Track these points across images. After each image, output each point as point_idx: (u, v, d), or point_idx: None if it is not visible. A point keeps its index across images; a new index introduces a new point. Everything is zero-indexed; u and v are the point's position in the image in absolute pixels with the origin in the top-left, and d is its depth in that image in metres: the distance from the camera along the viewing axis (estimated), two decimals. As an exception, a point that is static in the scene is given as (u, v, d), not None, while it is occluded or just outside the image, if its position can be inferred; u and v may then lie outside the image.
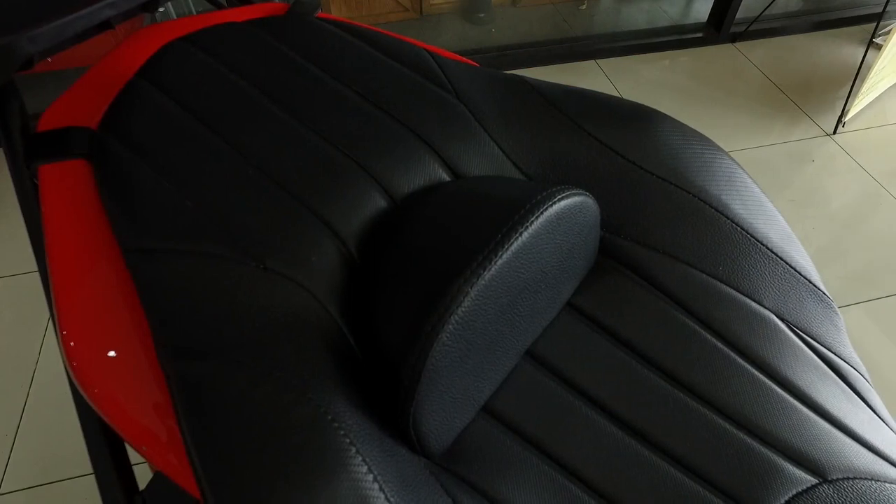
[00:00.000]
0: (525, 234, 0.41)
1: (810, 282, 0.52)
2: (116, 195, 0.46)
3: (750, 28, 1.84)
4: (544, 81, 0.59)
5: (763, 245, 0.51)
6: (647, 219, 0.52)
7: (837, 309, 0.52)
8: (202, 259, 0.42)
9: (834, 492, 0.41)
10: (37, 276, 1.26)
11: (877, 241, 1.34)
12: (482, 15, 1.92)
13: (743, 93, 1.70)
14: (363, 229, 0.47)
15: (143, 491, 0.42)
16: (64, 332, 0.41)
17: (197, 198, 0.46)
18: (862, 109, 1.65)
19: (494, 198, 0.44)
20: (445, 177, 0.52)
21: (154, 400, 0.39)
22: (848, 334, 1.16)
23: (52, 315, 0.43)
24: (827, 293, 0.52)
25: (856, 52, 1.82)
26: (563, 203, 0.44)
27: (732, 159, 0.57)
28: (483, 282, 0.39)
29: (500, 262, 0.40)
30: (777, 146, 1.55)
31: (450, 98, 0.56)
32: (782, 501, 0.41)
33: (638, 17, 1.95)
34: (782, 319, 0.49)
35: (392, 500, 0.35)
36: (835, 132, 1.58)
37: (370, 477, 0.35)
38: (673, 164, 0.54)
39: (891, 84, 1.69)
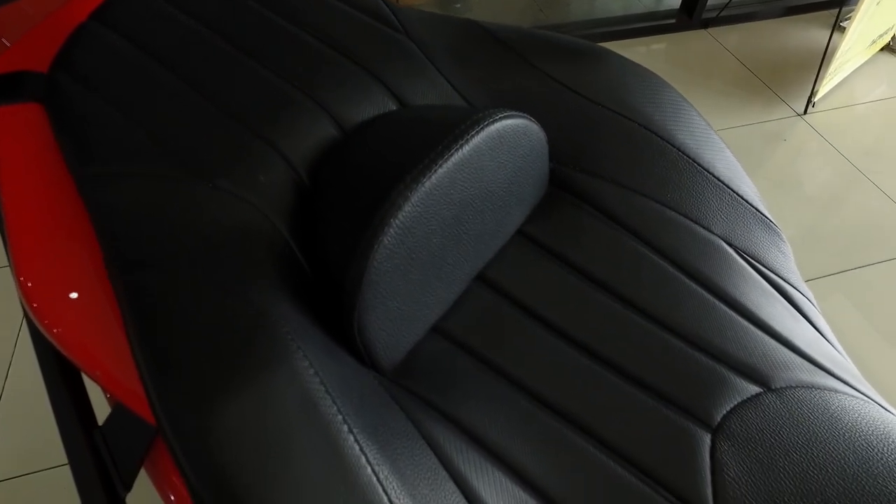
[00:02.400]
0: (465, 148, 0.42)
1: (757, 210, 0.53)
2: (68, 127, 0.46)
3: (721, 14, 1.88)
4: (495, 23, 0.61)
5: (710, 173, 0.53)
6: (596, 150, 0.54)
7: (784, 237, 0.54)
8: (153, 181, 0.43)
9: (777, 399, 0.42)
10: (6, 270, 1.25)
11: (842, 212, 1.38)
12: (458, 5, 1.93)
13: (717, 76, 1.74)
14: (313, 155, 0.48)
15: (101, 426, 0.42)
16: (21, 278, 0.41)
17: (148, 125, 0.46)
18: (831, 90, 1.69)
19: (437, 119, 0.46)
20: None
21: (113, 331, 0.40)
22: (821, 303, 1.20)
23: (8, 260, 0.43)
24: (774, 221, 0.54)
25: (823, 36, 1.86)
26: (504, 122, 0.45)
27: (680, 94, 0.59)
28: (423, 189, 0.40)
29: (439, 171, 0.41)
30: (750, 126, 1.59)
31: (401, 38, 0.57)
32: (727, 408, 0.42)
33: (613, 5, 1.98)
34: (730, 245, 0.51)
35: (333, 394, 0.36)
36: (805, 112, 1.62)
37: (311, 371, 0.36)
38: (621, 97, 0.56)
39: (857, 66, 1.74)
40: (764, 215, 0.54)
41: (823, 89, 1.60)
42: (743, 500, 0.38)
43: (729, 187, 0.53)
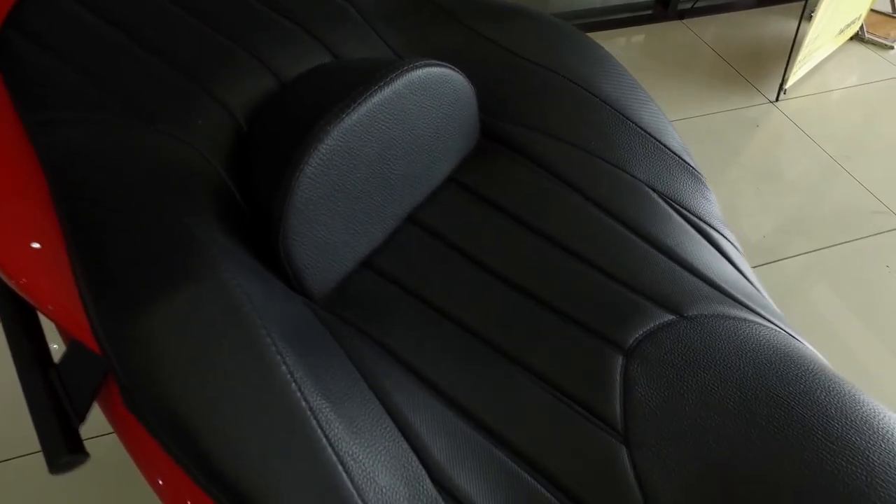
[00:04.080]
0: (385, 90, 0.46)
1: (681, 158, 0.57)
2: (19, 79, 0.48)
3: (696, 5, 1.93)
4: None
5: (634, 123, 0.57)
6: (525, 102, 0.58)
7: (708, 185, 0.57)
8: (98, 125, 0.46)
9: (689, 325, 0.45)
10: None
11: (811, 193, 1.43)
12: (442, -1, 1.97)
13: (693, 66, 1.78)
14: (252, 104, 0.51)
15: (57, 364, 0.44)
16: None
17: (94, 77, 0.49)
18: (802, 78, 1.75)
19: (361, 67, 0.49)
20: None
21: (63, 267, 0.41)
22: (791, 279, 1.25)
23: None
24: (698, 170, 0.57)
25: (794, 26, 1.92)
26: (426, 70, 0.49)
27: (607, 51, 0.62)
28: (344, 125, 0.44)
29: (359, 110, 0.44)
30: (725, 113, 1.64)
31: (341, 2, 0.60)
32: (641, 333, 0.45)
33: (592, -2, 2.02)
34: (653, 189, 0.54)
35: (255, 304, 0.39)
36: (777, 99, 1.68)
37: (235, 283, 0.39)
38: (549, 53, 0.59)
39: (827, 54, 1.80)
40: (688, 164, 0.57)
41: (793, 77, 1.65)
42: (650, 414, 0.41)
43: (653, 136, 0.57)
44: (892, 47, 1.86)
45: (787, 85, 1.65)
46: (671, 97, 1.68)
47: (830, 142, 1.57)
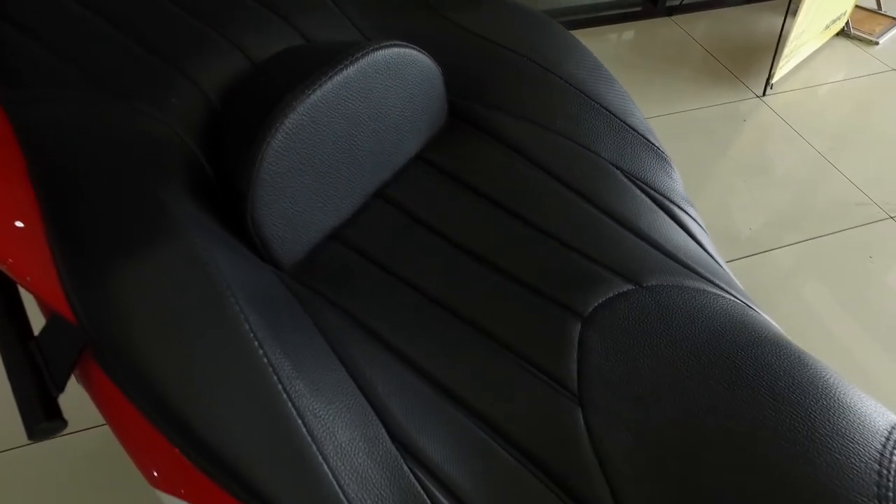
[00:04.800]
0: (350, 69, 0.48)
1: (645, 138, 0.58)
2: None
3: (684, 2, 1.96)
4: None
5: (598, 104, 0.58)
6: (492, 84, 0.60)
7: (672, 164, 0.59)
8: (75, 101, 0.48)
9: (646, 294, 0.46)
10: None
11: (796, 185, 1.46)
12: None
13: (681, 62, 1.81)
14: (224, 84, 0.53)
15: (36, 337, 0.45)
16: None
17: (72, 57, 0.51)
18: (789, 73, 1.77)
19: (329, 48, 0.51)
20: None
21: (40, 240, 0.43)
22: (778, 275, 1.27)
23: None
24: (662, 149, 0.59)
25: (781, 22, 1.95)
26: (391, 50, 0.50)
27: (573, 37, 0.64)
28: (309, 101, 0.45)
29: (325, 87, 0.46)
30: (712, 108, 1.66)
31: None
32: (599, 301, 0.46)
33: (581, -5, 2.04)
34: (617, 167, 0.55)
35: (221, 268, 0.40)
36: (764, 94, 1.70)
37: (202, 248, 0.41)
38: (515, 36, 0.61)
39: (813, 50, 1.82)
40: (652, 143, 0.59)
41: (780, 72, 1.68)
42: (605, 377, 0.42)
43: (617, 117, 0.58)
44: (877, 43, 1.89)
45: (774, 80, 1.68)
46: (660, 92, 1.70)
47: (816, 135, 1.59)
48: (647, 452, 0.38)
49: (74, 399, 0.98)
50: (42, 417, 0.40)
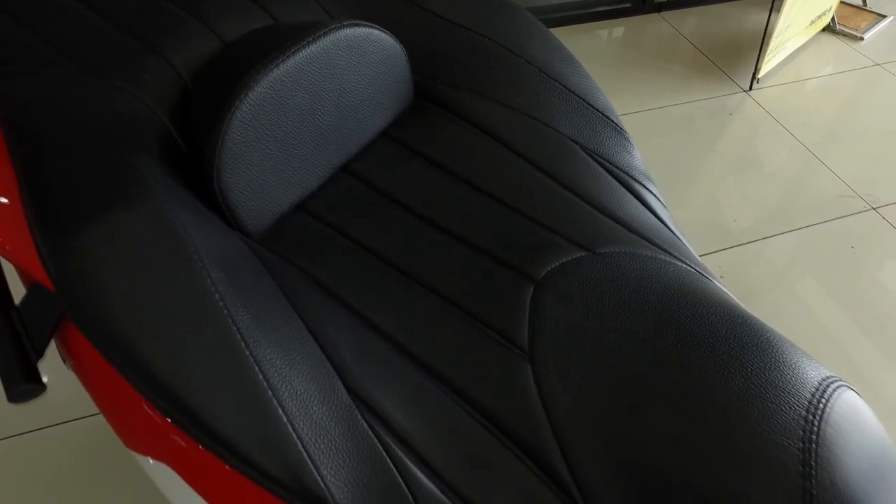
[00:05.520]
0: (312, 46, 0.50)
1: (605, 115, 0.61)
2: None
3: (673, -2, 1.98)
4: None
5: (559, 83, 0.61)
6: (457, 64, 0.62)
7: (632, 140, 0.61)
8: (52, 77, 0.50)
9: (599, 260, 0.48)
10: None
11: (780, 176, 1.49)
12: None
13: (670, 58, 1.83)
14: (196, 64, 0.55)
15: (17, 306, 0.46)
16: None
17: (48, 36, 0.53)
18: (775, 68, 1.80)
19: (293, 27, 0.53)
20: None
21: (18, 211, 0.45)
22: (762, 264, 1.30)
23: None
24: (622, 126, 0.61)
25: (766, 18, 1.98)
26: (353, 29, 0.53)
27: (536, 20, 0.67)
28: (274, 74, 0.48)
29: (288, 62, 0.49)
30: (699, 102, 1.69)
31: None
32: (552, 266, 0.48)
33: (572, -8, 2.07)
34: (577, 143, 0.58)
35: (188, 228, 0.43)
36: (750, 88, 1.73)
37: (170, 209, 0.43)
38: (481, 20, 0.64)
39: (799, 45, 1.85)
40: (611, 120, 0.61)
41: (766, 67, 1.71)
42: (555, 336, 0.44)
43: (577, 95, 0.61)
44: (862, 38, 1.92)
45: (760, 74, 1.70)
46: (649, 87, 1.73)
47: (801, 129, 1.62)
48: (591, 406, 0.41)
49: (66, 390, 1.00)
50: (22, 380, 0.42)
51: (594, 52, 1.85)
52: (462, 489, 0.39)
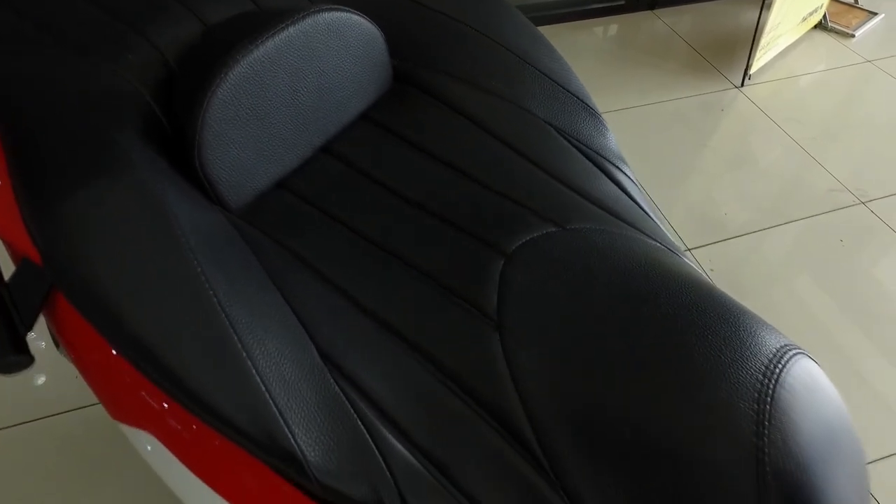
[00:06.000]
0: (291, 29, 0.52)
1: (580, 98, 0.62)
2: None
3: (667, -4, 2.00)
4: None
5: (534, 67, 0.63)
6: (435, 48, 0.64)
7: (607, 125, 0.62)
8: (37, 55, 0.52)
9: (568, 235, 0.50)
10: None
11: (771, 171, 1.50)
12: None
13: (663, 55, 1.85)
14: (180, 46, 0.57)
15: (6, 281, 0.47)
16: None
17: (34, 19, 0.55)
18: (767, 65, 1.81)
19: (276, 11, 0.55)
20: None
21: (6, 187, 0.47)
22: (751, 257, 1.31)
23: None
24: (596, 110, 0.63)
25: (757, 15, 1.99)
26: (331, 13, 0.55)
27: (513, 7, 0.69)
28: (253, 55, 0.50)
29: (267, 44, 0.51)
30: (691, 98, 1.70)
31: None
32: (522, 240, 0.50)
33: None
34: (551, 125, 0.59)
35: (169, 199, 0.45)
36: (742, 85, 1.74)
37: (151, 179, 0.45)
38: (459, 6, 0.66)
39: (790, 42, 1.87)
40: (586, 103, 0.63)
41: (757, 63, 1.72)
42: (522, 306, 0.46)
43: (552, 79, 0.63)
44: (853, 36, 1.93)
45: (752, 71, 1.72)
46: (643, 84, 1.74)
47: (792, 124, 1.64)
48: (553, 370, 0.42)
49: (59, 382, 1.01)
50: (11, 351, 0.44)
51: (589, 49, 1.87)
52: (431, 451, 0.41)
